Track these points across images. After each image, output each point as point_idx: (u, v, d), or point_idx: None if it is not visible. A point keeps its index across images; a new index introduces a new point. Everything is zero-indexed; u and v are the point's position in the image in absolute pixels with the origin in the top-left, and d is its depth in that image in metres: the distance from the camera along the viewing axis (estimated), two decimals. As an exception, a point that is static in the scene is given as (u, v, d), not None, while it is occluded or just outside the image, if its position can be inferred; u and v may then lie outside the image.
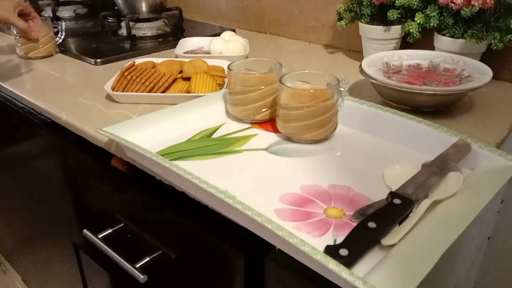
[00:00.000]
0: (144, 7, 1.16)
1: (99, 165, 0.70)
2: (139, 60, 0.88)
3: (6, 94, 0.87)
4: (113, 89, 0.75)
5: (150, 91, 0.75)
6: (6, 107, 0.90)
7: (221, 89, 0.75)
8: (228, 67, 0.66)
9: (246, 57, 0.94)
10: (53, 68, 0.72)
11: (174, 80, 0.78)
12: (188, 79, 0.79)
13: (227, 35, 1.01)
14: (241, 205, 0.41)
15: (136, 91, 0.75)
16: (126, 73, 0.76)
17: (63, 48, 1.06)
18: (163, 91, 0.75)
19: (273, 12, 1.16)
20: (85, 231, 0.69)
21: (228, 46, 0.95)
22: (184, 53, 0.99)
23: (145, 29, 1.14)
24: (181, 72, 0.82)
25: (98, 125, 0.60)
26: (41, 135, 0.86)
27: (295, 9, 1.11)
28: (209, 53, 0.97)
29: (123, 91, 0.75)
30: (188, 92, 0.75)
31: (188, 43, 1.05)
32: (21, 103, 0.84)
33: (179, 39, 1.06)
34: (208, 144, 0.60)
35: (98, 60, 0.96)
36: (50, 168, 0.88)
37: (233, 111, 0.66)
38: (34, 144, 0.90)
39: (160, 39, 1.13)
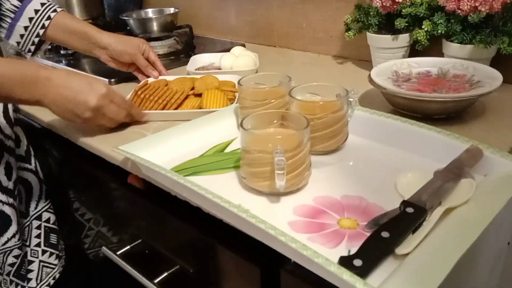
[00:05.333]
0: (155, 26, 1.19)
1: (116, 183, 0.72)
2: (152, 79, 0.90)
3: (23, 116, 0.90)
4: None
5: (163, 109, 0.76)
6: (28, 126, 0.93)
7: (232, 103, 0.76)
8: (238, 82, 0.67)
9: (256, 71, 0.95)
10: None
11: (186, 97, 0.80)
12: (200, 95, 0.80)
13: (237, 50, 1.03)
14: (254, 219, 0.42)
15: (149, 109, 0.77)
16: (139, 92, 0.78)
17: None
18: (176, 108, 0.77)
19: (282, 26, 1.18)
20: (104, 248, 0.70)
21: (238, 61, 0.97)
22: (196, 69, 1.01)
23: (157, 48, 1.17)
24: (193, 88, 0.83)
25: (114, 144, 0.62)
26: (57, 154, 0.88)
27: (303, 21, 1.12)
28: (220, 69, 0.99)
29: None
30: (200, 108, 0.76)
31: (199, 60, 1.07)
32: (38, 124, 0.87)
33: (190, 56, 1.08)
34: (221, 159, 0.61)
35: (112, 80, 0.99)
36: (67, 186, 0.90)
37: (244, 125, 0.67)
38: (50, 162, 0.92)
39: (172, 57, 1.16)
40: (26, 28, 0.87)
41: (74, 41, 0.90)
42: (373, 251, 0.41)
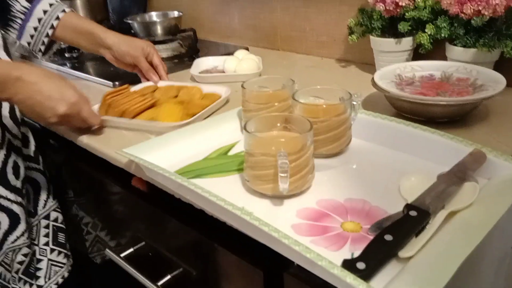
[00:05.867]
0: (159, 29, 1.20)
1: (118, 186, 0.72)
2: (149, 83, 0.90)
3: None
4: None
5: (120, 116, 0.76)
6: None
7: (191, 119, 0.73)
8: (242, 85, 0.67)
9: (260, 75, 0.95)
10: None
11: (152, 106, 0.79)
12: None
13: (240, 53, 1.03)
14: (258, 221, 0.42)
15: (108, 115, 0.77)
16: (108, 97, 0.78)
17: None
18: (133, 117, 0.76)
19: (285, 29, 1.18)
20: (107, 250, 0.70)
21: (241, 64, 0.97)
22: (200, 72, 1.01)
23: (161, 51, 1.17)
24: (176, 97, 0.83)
25: (118, 146, 0.62)
26: (58, 155, 0.89)
27: (306, 25, 1.12)
28: (224, 72, 0.99)
29: (105, 115, 0.78)
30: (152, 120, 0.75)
31: (203, 63, 1.07)
32: (39, 125, 0.87)
33: (194, 59, 1.08)
34: (225, 162, 0.61)
35: (117, 82, 0.99)
36: (68, 188, 0.90)
37: (248, 128, 0.67)
38: (51, 163, 0.93)
39: (175, 60, 1.16)
40: (35, 28, 0.88)
41: (81, 41, 0.91)
42: (377, 254, 0.41)
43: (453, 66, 0.77)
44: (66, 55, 1.24)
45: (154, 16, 1.30)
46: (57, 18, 0.89)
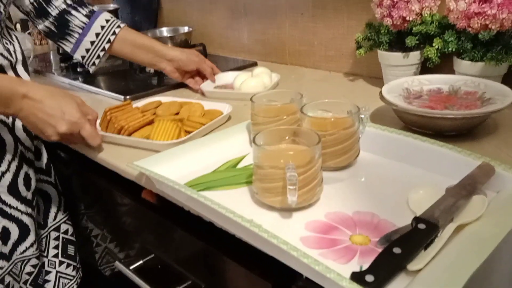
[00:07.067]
0: (170, 44, 1.21)
1: (129, 198, 0.73)
2: (159, 98, 0.91)
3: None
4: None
5: (118, 133, 0.77)
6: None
7: (186, 136, 0.74)
8: (251, 99, 0.68)
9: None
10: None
11: (150, 123, 0.79)
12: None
13: (257, 70, 1.02)
14: (266, 234, 0.43)
15: (108, 131, 0.78)
16: (108, 113, 0.80)
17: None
18: (130, 134, 0.77)
19: (293, 44, 1.19)
20: (117, 263, 0.71)
21: (248, 82, 0.96)
22: (214, 88, 1.02)
23: (171, 66, 1.19)
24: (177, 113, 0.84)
25: (128, 160, 0.63)
26: (68, 168, 0.90)
27: (315, 40, 1.14)
28: (233, 88, 1.00)
29: (106, 130, 0.79)
30: (147, 138, 0.75)
31: (217, 78, 1.07)
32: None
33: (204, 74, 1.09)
34: (234, 174, 0.62)
35: (128, 96, 1.01)
36: (78, 200, 0.91)
37: (256, 142, 0.68)
38: (64, 178, 0.94)
39: (185, 75, 1.17)
40: (92, 43, 0.93)
41: (139, 54, 0.96)
42: (385, 266, 0.41)
43: (461, 79, 0.77)
44: (78, 69, 1.26)
45: (164, 31, 1.32)
46: (114, 33, 0.93)
